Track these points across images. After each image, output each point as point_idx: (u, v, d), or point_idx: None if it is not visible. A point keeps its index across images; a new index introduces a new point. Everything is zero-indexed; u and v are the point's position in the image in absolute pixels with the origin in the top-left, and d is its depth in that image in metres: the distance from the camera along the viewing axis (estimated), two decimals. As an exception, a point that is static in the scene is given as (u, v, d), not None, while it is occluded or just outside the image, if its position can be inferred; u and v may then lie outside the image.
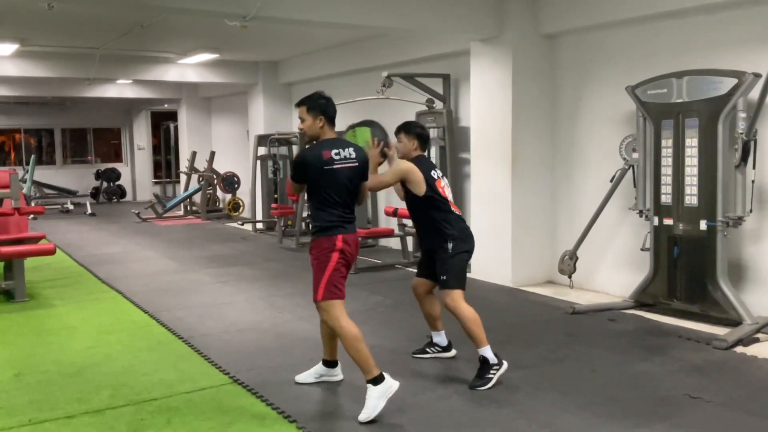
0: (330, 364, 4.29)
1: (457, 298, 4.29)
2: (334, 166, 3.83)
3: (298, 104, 3.97)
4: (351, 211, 3.94)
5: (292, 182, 4.01)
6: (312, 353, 4.68)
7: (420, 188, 4.34)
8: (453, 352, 4.77)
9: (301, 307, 6.22)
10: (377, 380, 3.74)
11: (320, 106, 3.89)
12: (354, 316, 3.88)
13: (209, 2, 5.75)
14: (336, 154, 3.85)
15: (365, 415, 3.68)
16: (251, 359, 4.80)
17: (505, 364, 4.25)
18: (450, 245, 4.33)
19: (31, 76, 11.42)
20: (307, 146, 4.01)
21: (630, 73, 6.14)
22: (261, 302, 6.57)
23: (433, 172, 4.42)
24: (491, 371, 4.19)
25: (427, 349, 4.80)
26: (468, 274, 4.55)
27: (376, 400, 3.70)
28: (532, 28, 6.96)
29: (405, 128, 4.57)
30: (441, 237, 4.36)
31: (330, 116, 3.92)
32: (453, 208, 4.42)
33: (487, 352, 4.21)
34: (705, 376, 4.36)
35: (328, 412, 4.00)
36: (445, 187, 4.45)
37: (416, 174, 4.34)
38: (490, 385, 4.15)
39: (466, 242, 4.41)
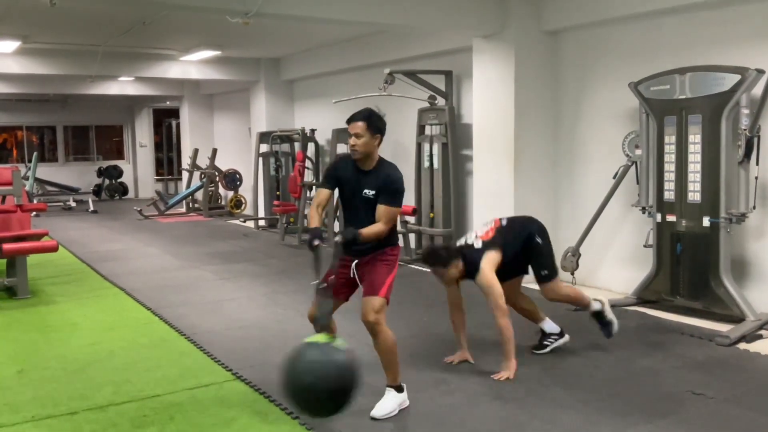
0: None
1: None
2: None
3: (354, 120, 3.76)
4: None
5: (396, 208, 3.77)
6: (314, 350, 4.68)
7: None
8: (567, 338, 4.87)
9: (304, 304, 6.20)
10: (400, 388, 3.81)
11: (378, 125, 3.76)
12: (356, 313, 3.87)
13: (211, -1, 5.75)
14: None
15: (381, 412, 3.69)
16: (254, 356, 4.81)
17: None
18: None
19: (33, 73, 11.42)
20: (394, 171, 3.83)
21: (633, 70, 6.12)
22: (263, 299, 6.57)
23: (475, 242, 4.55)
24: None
25: (545, 342, 4.84)
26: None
27: (394, 405, 3.74)
28: (535, 25, 6.95)
29: (441, 262, 4.45)
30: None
31: (384, 134, 3.82)
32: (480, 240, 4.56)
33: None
34: (708, 373, 4.36)
35: (330, 408, 4.01)
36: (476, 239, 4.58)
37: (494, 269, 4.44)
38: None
39: None
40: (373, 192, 3.75)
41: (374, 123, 3.76)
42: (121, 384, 4.27)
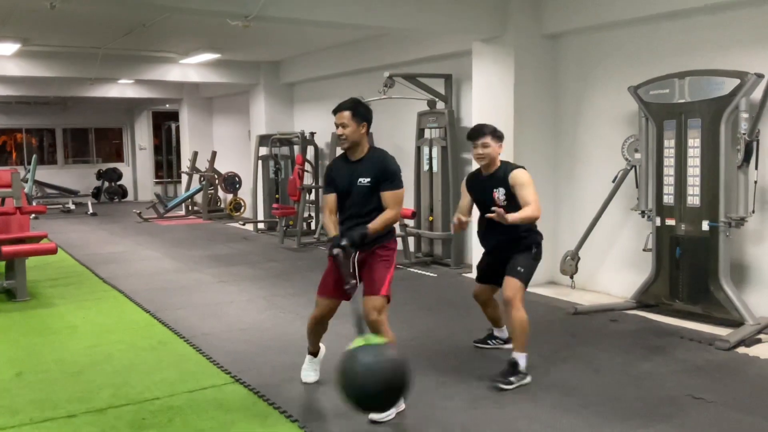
0: (316, 353, 4.34)
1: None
2: None
3: (340, 110, 3.88)
4: None
5: (400, 189, 3.88)
6: (313, 353, 4.68)
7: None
8: (510, 346, 4.76)
9: (303, 307, 6.22)
10: None
11: (363, 114, 3.90)
12: (346, 316, 3.87)
13: (211, 2, 5.75)
14: None
15: (380, 414, 3.68)
16: (253, 358, 4.80)
17: (529, 378, 4.23)
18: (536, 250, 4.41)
19: (32, 75, 11.42)
20: (386, 156, 3.93)
21: (632, 74, 6.13)
22: (262, 302, 6.57)
23: None
24: (517, 376, 4.18)
25: (489, 341, 4.96)
26: (470, 275, 4.58)
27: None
28: (535, 28, 6.96)
29: (491, 132, 4.34)
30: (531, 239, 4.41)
31: (370, 123, 3.95)
32: None
33: (522, 359, 4.22)
34: (707, 377, 4.36)
35: (329, 411, 4.00)
36: None
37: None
38: (510, 387, 4.13)
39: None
40: (368, 180, 3.85)
41: (359, 112, 3.88)
42: (120, 387, 4.26)
